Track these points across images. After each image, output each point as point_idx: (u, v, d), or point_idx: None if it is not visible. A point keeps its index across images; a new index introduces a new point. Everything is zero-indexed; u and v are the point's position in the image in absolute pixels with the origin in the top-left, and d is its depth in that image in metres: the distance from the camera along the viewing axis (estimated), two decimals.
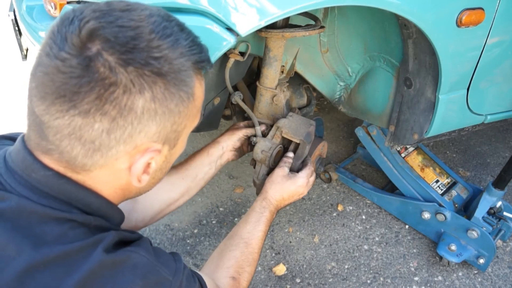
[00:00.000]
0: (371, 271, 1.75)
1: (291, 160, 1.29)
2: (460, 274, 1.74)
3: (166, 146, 0.69)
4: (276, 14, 0.96)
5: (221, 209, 2.02)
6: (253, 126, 1.40)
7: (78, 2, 1.06)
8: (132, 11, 0.62)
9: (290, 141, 1.37)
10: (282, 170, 1.25)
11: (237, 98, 1.40)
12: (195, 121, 0.74)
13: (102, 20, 0.59)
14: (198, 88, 0.71)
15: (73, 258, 0.61)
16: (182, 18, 0.94)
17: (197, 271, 0.83)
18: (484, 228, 1.66)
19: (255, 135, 1.41)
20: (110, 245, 0.65)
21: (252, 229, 1.12)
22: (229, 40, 0.97)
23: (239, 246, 1.07)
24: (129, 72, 0.59)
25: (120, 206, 0.77)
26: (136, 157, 0.66)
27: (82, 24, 0.59)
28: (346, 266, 1.76)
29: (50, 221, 0.63)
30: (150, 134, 0.65)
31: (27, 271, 0.59)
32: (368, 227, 1.95)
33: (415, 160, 1.92)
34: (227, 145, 1.33)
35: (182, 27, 0.67)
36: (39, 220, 0.62)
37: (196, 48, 0.67)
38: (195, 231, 1.88)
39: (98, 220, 0.68)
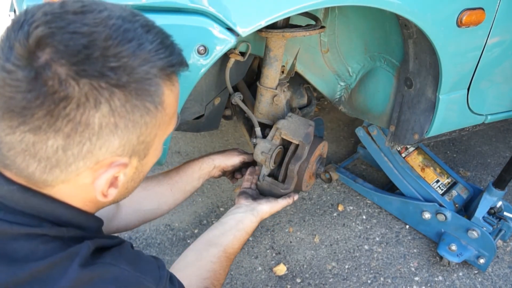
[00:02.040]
0: (372, 271, 1.75)
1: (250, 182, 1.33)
2: (460, 274, 1.74)
3: (134, 158, 0.64)
4: (276, 14, 0.96)
5: (221, 209, 2.02)
6: (251, 153, 1.40)
7: None
8: (87, 13, 0.56)
9: (290, 142, 1.37)
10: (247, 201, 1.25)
11: (237, 99, 1.40)
12: (168, 128, 0.68)
13: (52, 26, 0.53)
14: (168, 96, 0.63)
15: (46, 275, 0.57)
16: (182, 18, 0.95)
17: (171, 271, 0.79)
18: (485, 228, 1.66)
19: (250, 162, 1.42)
20: (87, 258, 0.61)
21: (235, 243, 1.09)
22: (229, 40, 0.97)
23: (220, 259, 1.02)
24: (81, 85, 0.53)
25: (101, 211, 0.73)
26: (100, 171, 0.61)
27: (31, 29, 0.53)
28: (347, 266, 1.76)
29: (20, 238, 0.59)
30: (113, 149, 0.59)
31: None
32: (368, 227, 1.95)
33: (416, 160, 1.92)
34: (219, 165, 1.32)
35: (148, 28, 0.60)
36: (7, 238, 0.58)
37: (164, 51, 0.60)
38: (196, 231, 1.88)
39: (72, 231, 0.64)
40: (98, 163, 0.60)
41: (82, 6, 0.56)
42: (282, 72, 1.43)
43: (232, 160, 1.34)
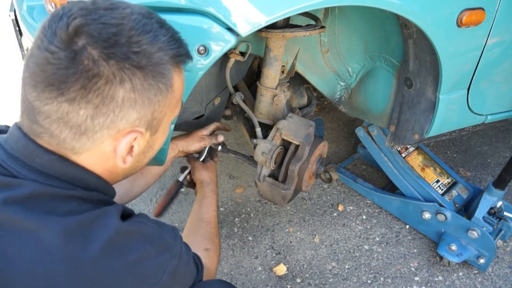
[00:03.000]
0: (372, 271, 1.75)
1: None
2: (460, 274, 1.74)
3: (148, 131, 0.76)
4: (276, 14, 0.96)
5: (221, 209, 2.02)
6: (217, 134, 1.43)
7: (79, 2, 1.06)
8: (114, 9, 0.68)
9: (290, 142, 1.37)
10: (210, 164, 1.42)
11: (238, 98, 1.40)
12: (175, 111, 0.81)
13: (87, 18, 0.65)
14: (177, 80, 0.76)
15: (90, 226, 0.68)
16: (183, 18, 0.95)
17: None
18: (485, 228, 1.66)
19: (220, 144, 1.45)
20: (119, 215, 0.73)
21: (207, 210, 1.26)
22: (230, 40, 0.97)
23: (202, 227, 1.20)
24: (110, 65, 0.65)
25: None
26: (120, 139, 0.72)
27: (69, 20, 0.65)
28: (347, 266, 1.76)
29: (59, 199, 0.69)
30: (131, 120, 0.71)
31: (50, 244, 0.65)
32: (368, 227, 1.95)
33: (416, 160, 1.92)
34: (182, 149, 1.39)
35: (162, 24, 0.73)
36: (49, 199, 0.68)
37: (175, 43, 0.73)
38: None
39: (99, 195, 0.75)
40: (119, 132, 0.71)
41: (111, 4, 0.69)
42: (282, 72, 1.43)
43: (194, 146, 1.40)
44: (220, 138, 1.44)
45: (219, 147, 1.47)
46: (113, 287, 0.69)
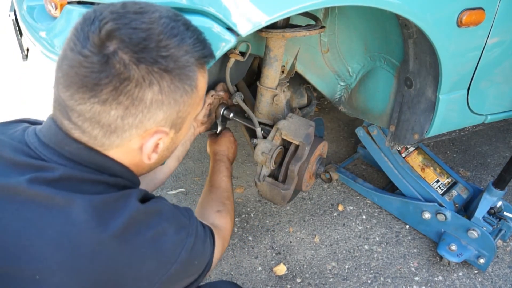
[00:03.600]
0: (372, 271, 1.75)
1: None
2: (460, 274, 1.74)
3: (172, 130, 0.80)
4: (276, 14, 0.96)
5: None
6: (219, 90, 1.40)
7: (79, 2, 1.06)
8: (144, 13, 0.71)
9: (290, 142, 1.37)
10: (229, 135, 1.46)
11: (238, 98, 1.40)
12: (198, 108, 0.84)
13: (118, 22, 0.69)
14: (201, 80, 0.79)
15: (113, 205, 0.73)
16: None
17: None
18: (485, 228, 1.66)
19: (232, 111, 1.43)
20: (140, 197, 0.77)
21: (223, 180, 1.31)
22: (230, 40, 0.97)
23: (216, 193, 1.25)
24: (140, 69, 0.69)
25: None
26: (147, 138, 0.76)
27: (101, 24, 0.68)
28: (347, 266, 1.76)
29: (87, 183, 0.74)
30: (158, 120, 0.75)
31: (78, 216, 0.68)
32: (368, 227, 1.95)
33: (416, 160, 1.92)
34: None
35: (187, 26, 0.76)
36: (78, 182, 0.73)
37: (200, 45, 0.76)
38: None
39: (125, 181, 0.80)
40: (146, 131, 0.75)
41: (140, 7, 0.72)
42: (282, 72, 1.43)
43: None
44: (219, 89, 1.41)
45: (231, 114, 1.45)
46: (134, 261, 0.72)
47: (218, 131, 1.46)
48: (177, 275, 0.79)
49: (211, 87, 1.39)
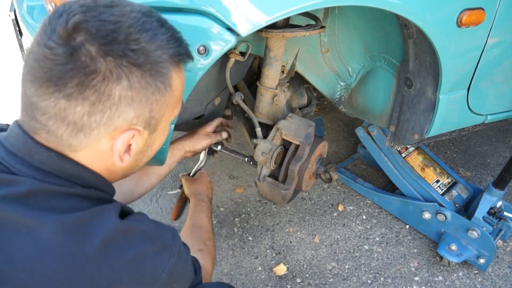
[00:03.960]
0: (372, 271, 1.75)
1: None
2: (460, 274, 1.74)
3: (146, 130, 0.75)
4: (276, 14, 0.96)
5: (221, 209, 2.02)
6: (221, 131, 1.44)
7: None
8: (114, 7, 0.69)
9: (290, 142, 1.37)
10: (202, 176, 1.46)
11: (238, 98, 1.40)
12: (175, 111, 0.80)
13: (87, 14, 0.66)
14: (176, 80, 0.75)
15: (89, 222, 0.68)
16: (183, 18, 0.95)
17: None
18: (485, 228, 1.65)
19: (219, 144, 1.46)
20: (119, 214, 0.73)
21: (201, 216, 1.29)
22: (230, 40, 0.97)
23: (195, 231, 1.22)
24: (107, 61, 0.65)
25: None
26: (117, 137, 0.72)
27: (69, 17, 0.65)
28: (347, 266, 1.76)
29: (58, 197, 0.69)
30: (128, 118, 0.70)
31: (49, 241, 0.65)
32: (368, 227, 1.95)
33: (416, 160, 1.92)
34: (189, 149, 1.38)
35: (162, 23, 0.72)
36: (48, 196, 0.69)
37: (174, 42, 0.73)
38: None
39: (98, 193, 0.75)
40: (116, 130, 0.71)
41: (111, 1, 0.69)
42: (282, 72, 1.43)
43: (200, 145, 1.39)
44: (224, 135, 1.44)
45: (219, 147, 1.48)
46: (111, 284, 0.69)
47: (191, 174, 1.49)
48: None
49: (211, 94, 1.39)
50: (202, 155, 1.48)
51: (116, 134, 0.71)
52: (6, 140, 0.72)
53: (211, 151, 1.49)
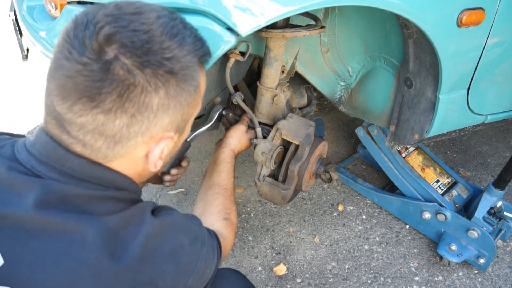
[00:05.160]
0: (372, 271, 1.75)
1: (248, 120, 1.41)
2: (460, 274, 1.74)
3: (177, 134, 0.77)
4: (276, 14, 0.96)
5: None
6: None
7: (79, 3, 1.06)
8: (141, 14, 0.67)
9: (290, 142, 1.37)
10: (243, 127, 1.38)
11: (238, 98, 1.40)
12: (198, 108, 0.82)
13: (116, 25, 0.64)
14: (202, 80, 0.78)
15: (128, 224, 0.71)
16: None
17: None
18: (485, 228, 1.66)
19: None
20: (152, 212, 0.76)
21: (227, 177, 1.27)
22: (230, 40, 0.97)
23: (220, 193, 1.21)
24: (145, 73, 0.65)
25: None
26: (152, 145, 0.73)
27: (97, 29, 0.63)
28: (347, 266, 1.76)
29: (94, 201, 0.70)
30: (164, 125, 0.72)
31: (95, 241, 0.66)
32: (368, 227, 1.95)
33: (416, 160, 1.92)
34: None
35: (184, 24, 0.73)
36: (85, 201, 0.69)
37: (199, 44, 0.73)
38: None
39: (130, 194, 0.77)
40: (152, 137, 0.72)
41: (135, 8, 0.68)
42: (282, 72, 1.43)
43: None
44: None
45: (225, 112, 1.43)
46: (155, 278, 0.71)
47: (189, 138, 1.40)
48: (194, 285, 0.79)
49: (211, 94, 1.38)
50: (214, 119, 1.42)
51: (151, 142, 0.73)
52: (34, 148, 0.71)
53: (219, 117, 1.44)
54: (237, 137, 1.37)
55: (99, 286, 0.65)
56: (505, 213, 1.76)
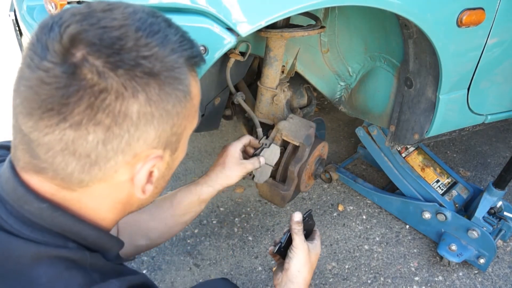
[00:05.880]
0: (372, 271, 1.75)
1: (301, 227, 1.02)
2: (460, 274, 1.74)
3: (167, 151, 0.65)
4: (276, 14, 0.96)
5: (221, 209, 2.02)
6: (257, 155, 1.31)
7: (79, 2, 1.06)
8: (114, 10, 0.58)
9: (289, 143, 1.37)
10: (305, 245, 1.00)
11: (239, 98, 1.40)
12: (194, 122, 0.69)
13: (84, 23, 0.55)
14: (194, 86, 0.65)
15: None
16: (183, 18, 0.95)
17: None
18: (485, 228, 1.65)
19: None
20: None
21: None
22: (230, 40, 0.97)
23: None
24: (119, 75, 0.54)
25: None
26: (137, 166, 0.61)
27: (62, 29, 0.54)
28: (347, 266, 1.76)
29: (44, 261, 0.58)
30: (149, 140, 0.60)
31: None
32: (368, 227, 1.95)
33: (416, 160, 1.92)
34: (221, 189, 1.20)
35: (169, 23, 0.63)
36: (31, 262, 0.58)
37: (187, 43, 0.62)
38: (196, 231, 1.88)
39: (94, 257, 0.63)
40: (136, 156, 0.60)
41: (108, 4, 0.59)
42: (282, 72, 1.43)
43: (235, 178, 1.20)
44: (261, 161, 1.26)
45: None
46: None
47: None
48: None
49: (211, 94, 1.32)
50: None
51: (135, 162, 0.61)
52: (0, 177, 0.62)
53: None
54: (309, 265, 1.01)
55: None
56: (505, 213, 1.76)
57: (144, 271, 1.64)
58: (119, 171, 0.60)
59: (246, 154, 1.33)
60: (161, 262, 1.71)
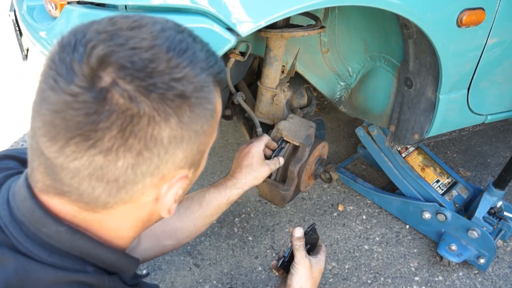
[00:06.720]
0: (372, 271, 1.75)
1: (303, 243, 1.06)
2: (460, 274, 1.74)
3: (192, 169, 0.64)
4: (276, 14, 0.96)
5: None
6: (277, 156, 1.34)
7: (79, 2, 1.06)
8: (142, 27, 0.55)
9: (289, 142, 1.37)
10: (307, 261, 1.04)
11: (239, 99, 1.40)
12: (215, 135, 0.67)
13: (111, 43, 0.52)
14: (218, 102, 0.63)
15: None
16: (183, 18, 0.95)
17: None
18: (485, 228, 1.65)
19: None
20: None
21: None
22: (230, 40, 0.97)
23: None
24: (151, 100, 0.52)
25: None
26: (163, 187, 0.60)
27: (88, 50, 0.51)
28: (347, 266, 1.76)
29: (61, 287, 0.58)
30: (177, 162, 0.59)
31: None
32: (368, 227, 1.95)
33: (416, 160, 1.92)
34: (251, 183, 1.23)
35: (194, 37, 0.60)
36: (50, 284, 0.57)
37: (213, 59, 0.60)
38: None
39: (112, 280, 0.63)
40: (163, 178, 0.59)
41: (134, 21, 0.56)
42: (282, 72, 1.43)
43: (261, 179, 1.24)
44: (281, 161, 1.30)
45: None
46: None
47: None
48: None
49: None
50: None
51: (162, 183, 0.59)
52: (13, 198, 0.60)
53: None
54: (312, 280, 1.05)
55: None
56: (505, 213, 1.76)
57: (144, 271, 1.64)
58: (146, 193, 0.59)
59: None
60: (161, 262, 1.71)
